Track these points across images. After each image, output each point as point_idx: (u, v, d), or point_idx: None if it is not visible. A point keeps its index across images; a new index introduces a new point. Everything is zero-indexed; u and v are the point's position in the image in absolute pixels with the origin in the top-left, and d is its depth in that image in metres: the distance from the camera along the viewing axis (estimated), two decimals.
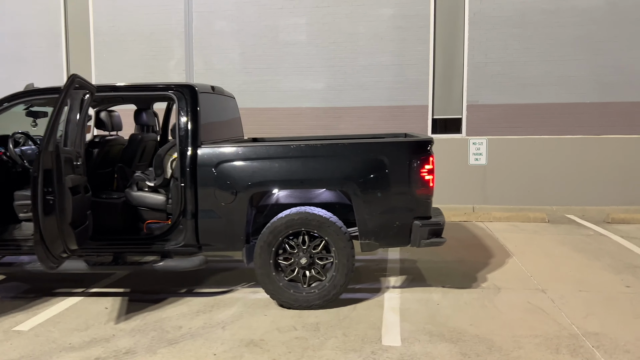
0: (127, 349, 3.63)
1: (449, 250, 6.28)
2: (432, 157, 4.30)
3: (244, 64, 9.56)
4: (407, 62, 9.21)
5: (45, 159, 3.45)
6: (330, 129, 9.37)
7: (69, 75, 3.70)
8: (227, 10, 9.51)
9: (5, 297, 4.75)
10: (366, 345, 3.66)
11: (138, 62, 9.79)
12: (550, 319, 4.08)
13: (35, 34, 10.03)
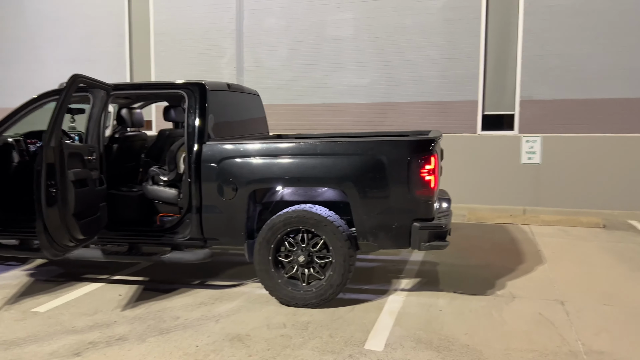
0: (121, 336, 3.82)
1: (478, 253, 6.00)
2: (433, 157, 4.12)
3: (291, 61, 9.66)
4: (456, 56, 8.85)
5: (48, 154, 3.72)
6: (375, 125, 9.25)
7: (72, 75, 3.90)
8: (276, 8, 9.65)
9: (38, 280, 5.17)
10: (347, 347, 3.59)
11: (193, 60, 10.20)
12: (556, 333, 3.78)
13: (102, 36, 10.75)
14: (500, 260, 5.71)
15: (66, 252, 4.09)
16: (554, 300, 4.46)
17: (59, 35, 11.03)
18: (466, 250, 6.20)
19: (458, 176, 8.88)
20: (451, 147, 8.88)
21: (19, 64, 11.30)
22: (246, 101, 5.51)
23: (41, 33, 11.16)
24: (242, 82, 9.89)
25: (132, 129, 5.32)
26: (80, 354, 3.52)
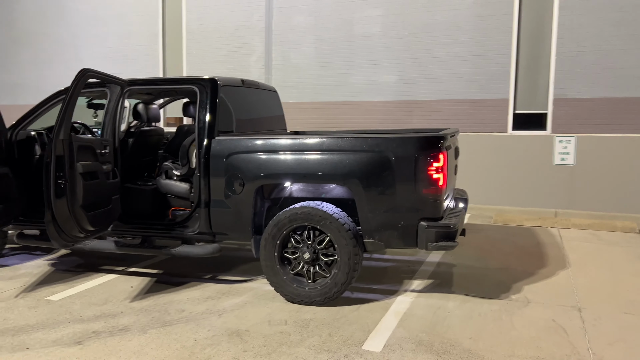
0: (124, 326, 3.88)
1: (498, 256, 5.80)
2: (442, 155, 3.99)
3: (319, 58, 9.62)
4: (487, 53, 8.60)
5: (57, 146, 3.82)
6: (402, 123, 9.10)
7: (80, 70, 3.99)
8: (304, 5, 9.63)
9: (58, 269, 5.33)
10: (345, 347, 3.53)
11: (223, 58, 10.32)
12: (567, 341, 3.60)
13: (137, 35, 11.02)
14: (520, 264, 5.50)
15: (75, 243, 4.20)
16: (571, 307, 4.25)
17: (97, 34, 11.38)
18: (487, 252, 6.00)
19: (487, 176, 8.63)
20: (480, 147, 8.65)
21: (59, 62, 11.73)
22: (262, 97, 5.51)
23: (80, 32, 11.55)
24: (270, 79, 9.93)
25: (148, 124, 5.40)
26: (81, 343, 3.59)
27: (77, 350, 3.47)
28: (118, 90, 4.71)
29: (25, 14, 12.13)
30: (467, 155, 8.70)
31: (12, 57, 12.35)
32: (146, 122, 5.23)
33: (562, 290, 4.66)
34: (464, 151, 8.65)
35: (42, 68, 11.92)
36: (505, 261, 5.61)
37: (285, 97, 9.82)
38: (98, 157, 4.37)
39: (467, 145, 8.70)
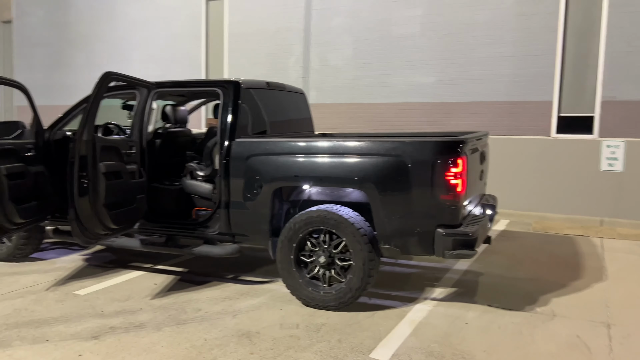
0: (141, 323, 3.98)
1: (531, 266, 5.56)
2: (461, 160, 3.85)
3: (356, 59, 9.56)
4: (530, 53, 8.27)
5: (81, 147, 3.96)
6: (440, 125, 8.89)
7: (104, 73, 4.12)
8: (343, 6, 9.59)
9: (91, 265, 5.54)
10: (351, 354, 3.47)
11: (263, 60, 10.43)
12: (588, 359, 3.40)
13: (182, 37, 11.31)
14: (553, 275, 5.24)
15: (98, 240, 4.34)
16: (600, 323, 4.01)
17: (144, 37, 11.77)
18: (519, 261, 5.76)
19: (528, 182, 8.30)
20: (522, 151, 8.34)
21: (110, 64, 12.20)
22: (288, 99, 5.52)
23: (130, 35, 11.98)
24: (308, 81, 9.95)
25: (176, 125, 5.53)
26: (98, 337, 3.71)
27: (91, 345, 3.58)
28: (145, 93, 4.84)
29: (80, 18, 12.71)
30: (507, 160, 8.40)
31: (68, 59, 12.97)
32: (174, 123, 5.34)
33: (593, 305, 4.40)
34: (504, 155, 8.36)
35: (94, 70, 12.43)
36: (537, 271, 5.37)
37: (321, 98, 9.83)
38: (123, 157, 4.50)
39: (508, 149, 8.40)
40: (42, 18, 13.35)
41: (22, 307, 4.28)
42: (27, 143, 4.93)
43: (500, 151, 8.44)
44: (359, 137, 4.52)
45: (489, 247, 6.41)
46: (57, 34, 13.09)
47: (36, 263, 5.55)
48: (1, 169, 4.39)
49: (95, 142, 4.06)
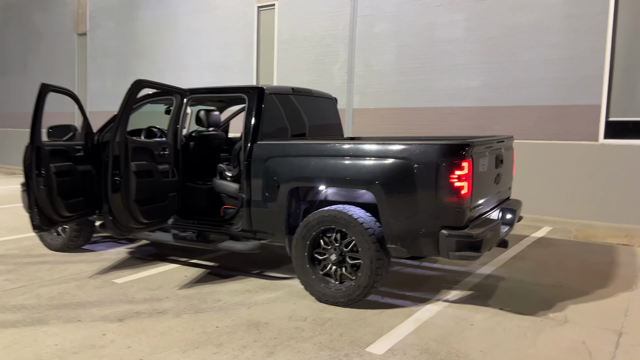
0: (163, 310, 4.33)
1: (559, 272, 5.45)
2: (466, 162, 3.91)
3: (399, 64, 9.64)
4: (577, 55, 8.03)
5: (114, 147, 4.38)
6: (483, 129, 8.79)
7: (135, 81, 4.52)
8: (387, 12, 9.71)
9: (133, 257, 6.01)
10: (348, 347, 3.63)
11: (309, 66, 10.73)
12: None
13: (235, 46, 11.85)
14: (579, 282, 5.12)
15: (130, 232, 4.75)
16: (612, 330, 3.92)
17: (201, 45, 12.43)
18: (547, 268, 5.66)
19: (573, 188, 8.04)
20: (566, 156, 8.10)
21: (170, 71, 12.98)
22: (315, 104, 5.74)
23: (188, 45, 12.69)
24: (352, 86, 10.14)
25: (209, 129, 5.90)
26: (123, 320, 4.09)
27: (116, 326, 3.96)
28: (179, 99, 5.23)
29: (145, 29, 13.60)
30: (551, 165, 8.20)
31: (133, 67, 13.91)
32: (207, 127, 5.71)
33: (611, 313, 4.29)
34: (548, 160, 8.16)
35: (156, 77, 13.19)
36: (563, 278, 5.26)
37: (365, 103, 9.98)
38: (155, 157, 4.90)
39: (552, 154, 8.19)
40: (112, 30, 14.40)
41: (65, 291, 4.76)
42: (77, 144, 5.46)
43: (544, 156, 8.24)
44: (370, 140, 4.66)
45: (518, 253, 6.32)
46: (125, 45, 14.07)
47: (85, 254, 6.09)
48: (51, 167, 4.91)
49: (128, 143, 4.48)
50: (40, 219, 4.91)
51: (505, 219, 4.91)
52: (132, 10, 13.84)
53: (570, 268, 5.65)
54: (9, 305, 4.37)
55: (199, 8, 12.41)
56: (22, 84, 16.72)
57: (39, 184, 4.85)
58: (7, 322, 4.00)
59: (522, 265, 5.75)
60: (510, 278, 5.28)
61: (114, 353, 3.49)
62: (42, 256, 5.96)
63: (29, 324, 3.98)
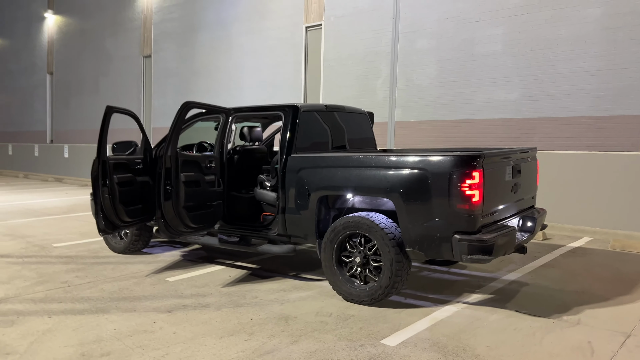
0: (207, 304, 4.89)
1: (585, 280, 5.60)
2: (477, 172, 4.23)
3: (440, 78, 9.93)
4: (616, 67, 8.06)
5: (166, 161, 5.01)
6: (522, 141, 8.93)
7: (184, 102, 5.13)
8: (428, 29, 10.05)
9: (185, 259, 6.66)
10: (365, 339, 4.02)
11: (353, 82, 11.21)
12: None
13: (285, 64, 12.53)
14: (603, 289, 5.25)
15: (180, 235, 5.37)
16: (621, 333, 4.09)
17: (254, 65, 13.21)
18: (575, 275, 5.79)
19: (613, 199, 8.02)
20: (607, 167, 8.11)
21: (225, 90, 13.85)
22: (348, 119, 6.20)
23: (242, 64, 13.51)
24: (394, 100, 10.51)
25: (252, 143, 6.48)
26: (171, 312, 4.67)
27: (165, 316, 4.55)
28: (225, 117, 5.84)
29: (203, 51, 14.58)
30: (591, 176, 8.22)
31: (192, 86, 14.91)
32: (249, 142, 6.29)
33: (626, 318, 4.44)
34: (588, 171, 8.20)
35: (212, 95, 14.18)
36: (588, 285, 5.40)
37: (407, 116, 10.33)
38: (203, 169, 5.51)
39: (593, 165, 8.22)
40: (173, 52, 15.51)
41: (124, 287, 5.43)
42: (137, 158, 6.18)
43: (585, 167, 8.28)
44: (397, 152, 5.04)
45: (550, 261, 6.47)
46: (185, 65, 15.11)
47: (144, 256, 6.80)
48: (114, 178, 5.63)
49: (178, 157, 5.10)
50: (105, 223, 5.63)
51: (526, 226, 5.14)
52: (191, 33, 14.88)
53: (598, 276, 5.76)
54: (78, 297, 5.08)
55: (251, 30, 13.22)
56: (95, 103, 18.21)
57: (104, 193, 5.57)
58: (76, 310, 4.68)
59: (550, 273, 5.91)
60: (534, 284, 5.48)
61: (162, 337, 4.06)
62: (107, 257, 6.72)
63: (93, 312, 4.64)
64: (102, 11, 18.13)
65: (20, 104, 22.92)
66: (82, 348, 3.83)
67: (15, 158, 22.94)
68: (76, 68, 19.52)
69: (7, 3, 23.63)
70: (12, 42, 23.42)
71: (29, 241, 7.74)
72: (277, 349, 3.83)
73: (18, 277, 5.76)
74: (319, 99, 11.80)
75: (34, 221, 9.66)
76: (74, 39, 19.58)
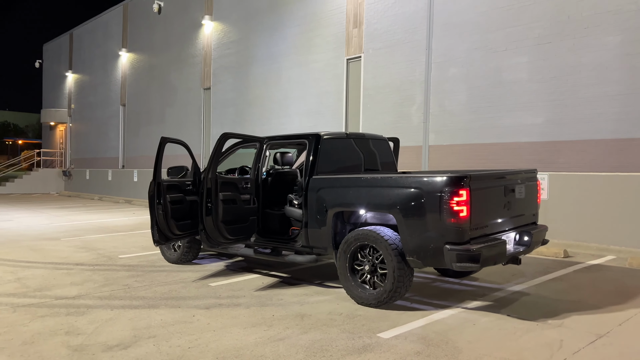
0: (239, 303, 5.74)
1: (586, 292, 6.02)
2: (463, 191, 4.88)
3: (470, 104, 10.51)
4: (636, 91, 8.38)
5: (207, 182, 5.98)
6: (547, 163, 9.32)
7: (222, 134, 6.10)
8: (458, 58, 10.70)
9: (229, 269, 7.58)
10: (363, 332, 4.72)
11: (390, 109, 11.97)
12: (549, 355, 4.11)
13: (328, 94, 13.50)
14: (598, 300, 5.66)
15: (219, 245, 6.30)
16: (595, 334, 4.56)
17: (300, 95, 14.27)
18: (579, 288, 6.21)
19: (636, 218, 8.25)
20: (630, 188, 8.36)
21: (275, 118, 14.98)
22: (367, 145, 6.98)
23: (290, 94, 14.61)
24: (428, 125, 11.16)
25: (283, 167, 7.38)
26: (208, 308, 5.57)
27: (203, 311, 5.44)
28: (259, 145, 6.79)
29: (255, 83, 15.84)
30: (614, 196, 8.49)
31: (247, 115, 16.17)
32: (281, 166, 7.20)
33: (607, 322, 4.88)
34: (610, 192, 8.48)
35: (264, 122, 15.35)
36: (586, 296, 5.82)
37: (440, 140, 10.95)
38: (240, 189, 6.45)
39: (616, 185, 8.50)
40: (230, 84, 16.90)
41: (173, 289, 6.40)
42: (187, 181, 7.22)
43: (609, 188, 8.57)
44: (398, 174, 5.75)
45: (560, 276, 6.88)
46: (240, 96, 16.44)
47: (193, 266, 7.80)
48: (167, 197, 6.68)
49: (217, 179, 6.07)
50: (159, 235, 6.66)
51: (523, 240, 5.67)
52: (245, 67, 16.21)
53: (600, 289, 6.14)
54: (135, 296, 6.09)
55: (298, 63, 14.32)
56: (161, 132, 19.90)
57: (158, 210, 6.62)
58: (132, 305, 5.68)
59: (555, 285, 6.34)
60: (535, 294, 5.96)
61: (197, 326, 4.95)
62: (162, 267, 7.77)
63: (146, 307, 5.61)
64: (168, 49, 19.98)
65: (97, 133, 25.28)
66: (134, 332, 4.78)
67: (91, 182, 25.22)
68: (145, 100, 21.46)
69: (87, 43, 26.31)
70: (91, 78, 25.97)
71: (100, 253, 8.98)
72: (289, 337, 4.62)
73: (89, 280, 6.89)
74: (359, 125, 12.62)
75: (105, 237, 11.01)
76: (144, 73, 21.58)
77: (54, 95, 29.78)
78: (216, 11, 17.51)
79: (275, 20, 15.07)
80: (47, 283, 6.70)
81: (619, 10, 8.55)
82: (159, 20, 20.51)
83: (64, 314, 5.33)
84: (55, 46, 30.05)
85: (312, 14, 13.92)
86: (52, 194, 26.91)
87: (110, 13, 24.36)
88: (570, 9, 9.11)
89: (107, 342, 4.52)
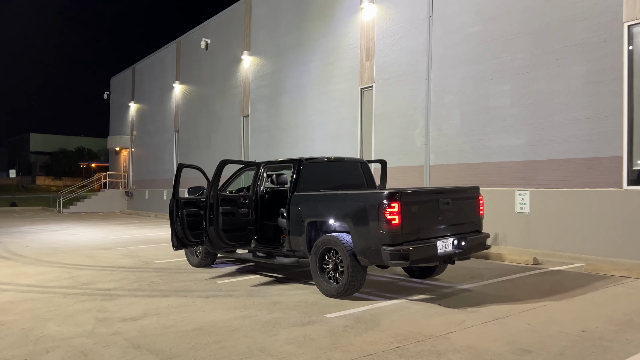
0: (232, 295, 7.23)
1: (523, 290, 7.07)
2: (395, 204, 6.18)
3: (462, 128, 11.65)
4: (599, 115, 9.31)
5: (209, 199, 7.58)
6: (529, 180, 10.30)
7: (221, 160, 7.70)
8: (453, 87, 11.90)
9: (237, 271, 9.13)
10: (314, 313, 6.07)
11: (397, 132, 13.27)
12: (442, 327, 5.33)
13: (345, 120, 14.96)
14: (525, 296, 6.72)
15: (220, 250, 7.86)
16: (493, 317, 5.70)
17: (322, 121, 15.82)
18: (520, 287, 7.27)
19: (602, 230, 9.10)
20: (597, 202, 9.24)
21: (300, 142, 16.58)
22: (344, 167, 8.39)
23: (314, 120, 16.20)
24: (428, 147, 12.36)
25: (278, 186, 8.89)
26: (207, 297, 7.09)
27: (202, 299, 6.99)
28: (256, 168, 8.35)
29: (285, 110, 17.57)
30: (585, 209, 9.38)
31: (278, 140, 17.88)
32: (276, 185, 8.71)
33: (512, 310, 5.98)
34: (581, 206, 9.37)
35: (292, 146, 16.98)
36: (519, 293, 6.88)
37: (439, 160, 12.13)
38: (239, 204, 8.02)
39: (585, 200, 9.39)
40: (264, 112, 18.73)
41: (187, 285, 8.00)
42: (202, 198, 8.87)
43: (578, 202, 9.47)
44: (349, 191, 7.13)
45: (513, 278, 7.92)
46: (272, 123, 18.21)
47: (210, 269, 9.41)
48: (183, 211, 8.34)
49: (217, 196, 7.66)
50: (177, 242, 8.33)
51: (460, 245, 6.82)
52: (277, 96, 18.00)
53: (537, 288, 7.16)
54: (155, 289, 7.73)
55: (321, 92, 15.91)
56: (208, 155, 22.06)
57: (176, 221, 8.30)
58: (151, 295, 7.32)
59: (501, 285, 7.42)
60: (477, 291, 7.09)
61: (193, 309, 6.49)
62: (185, 269, 9.43)
63: (160, 296, 7.23)
64: (214, 81, 22.18)
65: (154, 157, 27.93)
66: (145, 311, 6.39)
67: (149, 201, 27.80)
68: (194, 127, 23.75)
69: (146, 76, 29.23)
70: (150, 107, 28.79)
71: (140, 259, 10.80)
72: (256, 315, 6.06)
73: (125, 278, 8.64)
74: (372, 148, 13.97)
75: (148, 247, 12.91)
76: (193, 103, 23.92)
77: (119, 123, 33.00)
78: (253, 47, 19.49)
79: (301, 54, 16.79)
80: (93, 279, 8.50)
81: (584, 43, 9.53)
82: (206, 56, 22.82)
83: (99, 300, 7.04)
84: (120, 79, 33.39)
85: (331, 48, 15.51)
86: (116, 212, 29.78)
87: (166, 49, 27.11)
88: (544, 42, 10.15)
89: (124, 316, 6.15)
